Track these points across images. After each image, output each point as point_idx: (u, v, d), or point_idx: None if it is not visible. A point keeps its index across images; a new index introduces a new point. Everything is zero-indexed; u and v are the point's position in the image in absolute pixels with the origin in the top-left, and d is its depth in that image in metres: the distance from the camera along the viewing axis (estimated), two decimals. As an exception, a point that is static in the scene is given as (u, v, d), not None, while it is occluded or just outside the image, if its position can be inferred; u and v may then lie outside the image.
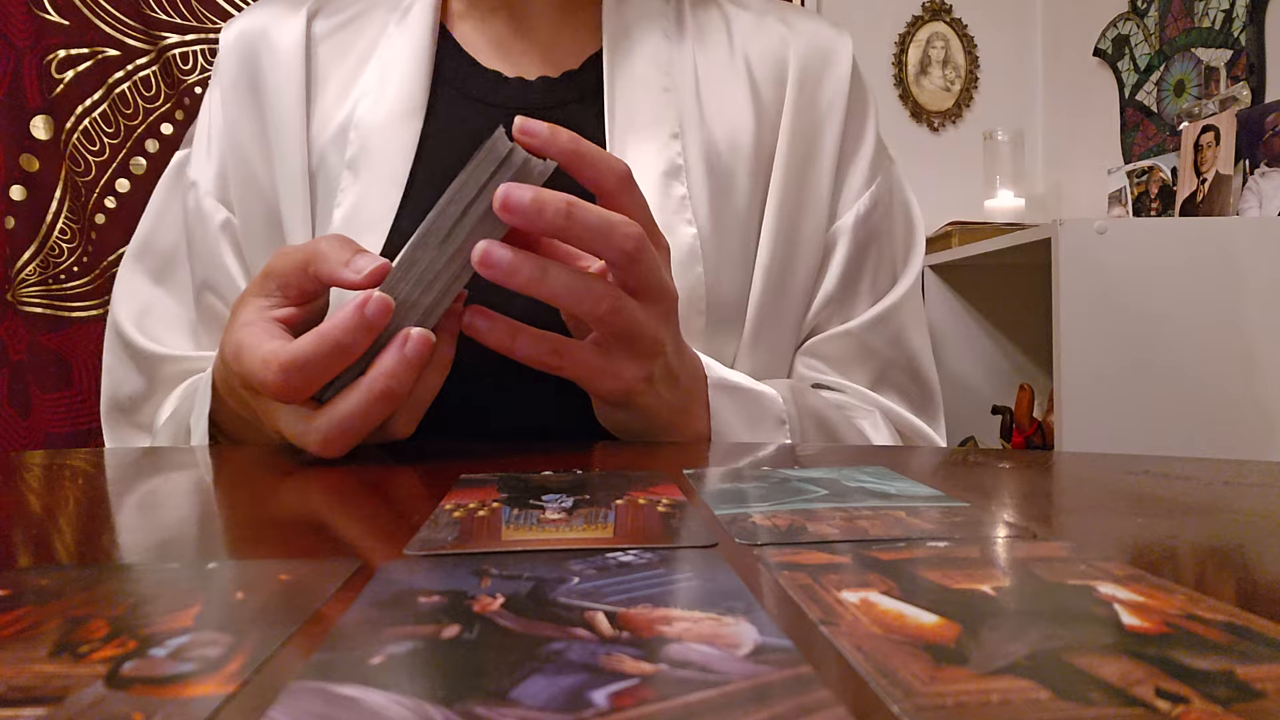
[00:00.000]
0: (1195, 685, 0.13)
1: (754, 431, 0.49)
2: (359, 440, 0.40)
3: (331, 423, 0.38)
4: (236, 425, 0.50)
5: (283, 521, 0.29)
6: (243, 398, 0.44)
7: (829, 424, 0.54)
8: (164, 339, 0.62)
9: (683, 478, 0.33)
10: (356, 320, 0.37)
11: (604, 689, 0.13)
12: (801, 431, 0.51)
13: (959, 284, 1.93)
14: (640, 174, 0.57)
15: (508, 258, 0.37)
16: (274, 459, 0.44)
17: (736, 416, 0.49)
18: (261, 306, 0.42)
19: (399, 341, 0.38)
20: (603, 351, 0.41)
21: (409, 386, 0.38)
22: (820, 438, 0.53)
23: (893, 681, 0.13)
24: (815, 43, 0.64)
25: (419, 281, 0.39)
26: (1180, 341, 1.31)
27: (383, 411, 0.38)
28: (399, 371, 0.37)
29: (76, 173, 1.62)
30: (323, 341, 0.37)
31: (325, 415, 0.38)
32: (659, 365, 0.43)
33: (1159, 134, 1.88)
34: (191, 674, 0.14)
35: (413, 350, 0.37)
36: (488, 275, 0.37)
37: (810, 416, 0.53)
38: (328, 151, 0.58)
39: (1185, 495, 0.30)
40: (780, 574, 0.19)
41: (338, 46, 0.61)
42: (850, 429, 0.55)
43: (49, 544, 0.26)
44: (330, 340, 0.37)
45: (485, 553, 0.22)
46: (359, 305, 0.37)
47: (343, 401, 0.38)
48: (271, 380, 0.38)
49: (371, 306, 0.37)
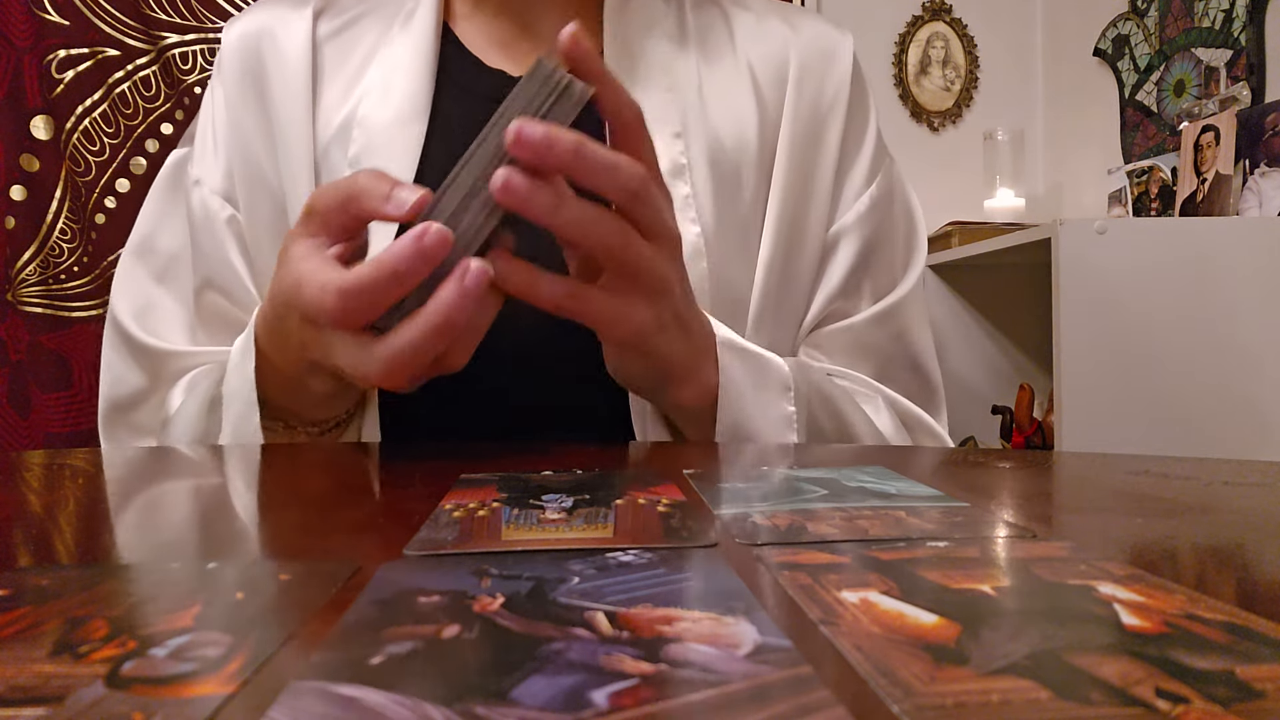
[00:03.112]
0: (1195, 685, 0.13)
1: (760, 394, 0.50)
2: (418, 370, 0.40)
3: (393, 350, 0.39)
4: (276, 386, 0.49)
5: (283, 521, 0.29)
6: (290, 342, 0.44)
7: (833, 400, 0.54)
8: (165, 336, 0.61)
9: (683, 478, 0.33)
10: (415, 249, 0.37)
11: (604, 689, 0.13)
12: (807, 401, 0.51)
13: (959, 284, 1.93)
14: None
15: (526, 185, 0.37)
16: (274, 459, 0.44)
17: (744, 376, 0.49)
18: (314, 244, 0.42)
19: (459, 273, 0.38)
20: (614, 293, 0.42)
21: (466, 318, 0.39)
22: (824, 412, 0.53)
23: (893, 681, 0.13)
24: (817, 43, 0.64)
25: (464, 207, 0.39)
26: (1180, 341, 1.31)
27: (441, 342, 0.39)
28: (459, 302, 0.38)
29: (77, 173, 1.62)
30: (380, 269, 0.38)
31: (386, 344, 0.39)
32: (669, 309, 0.44)
33: (1159, 134, 1.88)
34: (191, 674, 0.14)
35: (472, 281, 0.38)
36: (506, 201, 0.37)
37: (815, 390, 0.53)
38: (331, 148, 0.58)
39: (1185, 495, 0.30)
40: (780, 574, 0.19)
41: (342, 46, 0.62)
42: (854, 407, 0.55)
43: (49, 544, 0.26)
44: (388, 268, 0.38)
45: (485, 553, 0.22)
46: (418, 235, 0.37)
47: (402, 331, 0.39)
48: (330, 305, 0.39)
49: (430, 238, 0.37)
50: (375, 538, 0.26)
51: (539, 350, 0.42)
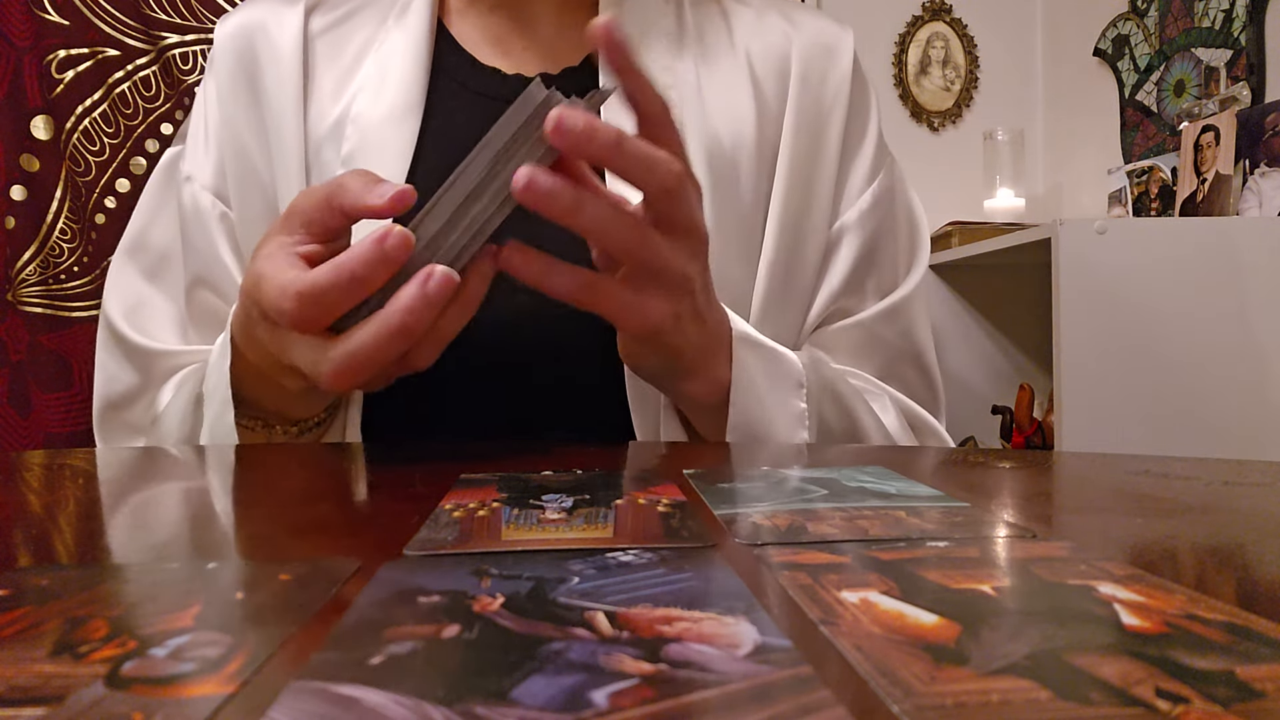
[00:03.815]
0: (1195, 685, 0.13)
1: (773, 389, 0.50)
2: (373, 373, 0.39)
3: (346, 353, 0.38)
4: (252, 383, 0.49)
5: (282, 521, 0.29)
6: (260, 340, 0.44)
7: (843, 398, 0.54)
8: (156, 335, 0.61)
9: (683, 478, 0.33)
10: (374, 253, 0.37)
11: (604, 689, 0.13)
12: (818, 399, 0.51)
13: (959, 284, 1.93)
14: None
15: (549, 183, 0.37)
16: (274, 459, 0.44)
17: (758, 371, 0.49)
18: (284, 242, 0.42)
19: (421, 278, 0.37)
20: (632, 287, 0.42)
21: (426, 323, 0.38)
22: (834, 409, 0.53)
23: (893, 681, 0.13)
24: (819, 38, 0.64)
25: (450, 222, 0.38)
26: (1180, 341, 1.31)
27: (398, 347, 0.38)
28: (417, 308, 0.37)
29: (77, 173, 1.62)
30: (339, 271, 0.37)
31: (339, 346, 0.38)
32: (687, 304, 0.44)
33: (1159, 134, 1.88)
34: (191, 674, 0.14)
35: (435, 288, 0.37)
36: (527, 200, 0.37)
37: (827, 387, 0.53)
38: (323, 145, 0.58)
39: (1185, 495, 0.30)
40: (780, 574, 0.19)
41: (334, 42, 0.62)
42: (862, 404, 0.55)
43: (49, 544, 0.26)
44: (346, 270, 0.37)
45: (485, 553, 0.22)
46: (379, 238, 0.37)
47: (358, 333, 0.38)
48: (288, 308, 0.38)
49: (391, 240, 0.37)
50: (375, 538, 0.26)
51: (527, 350, 0.42)
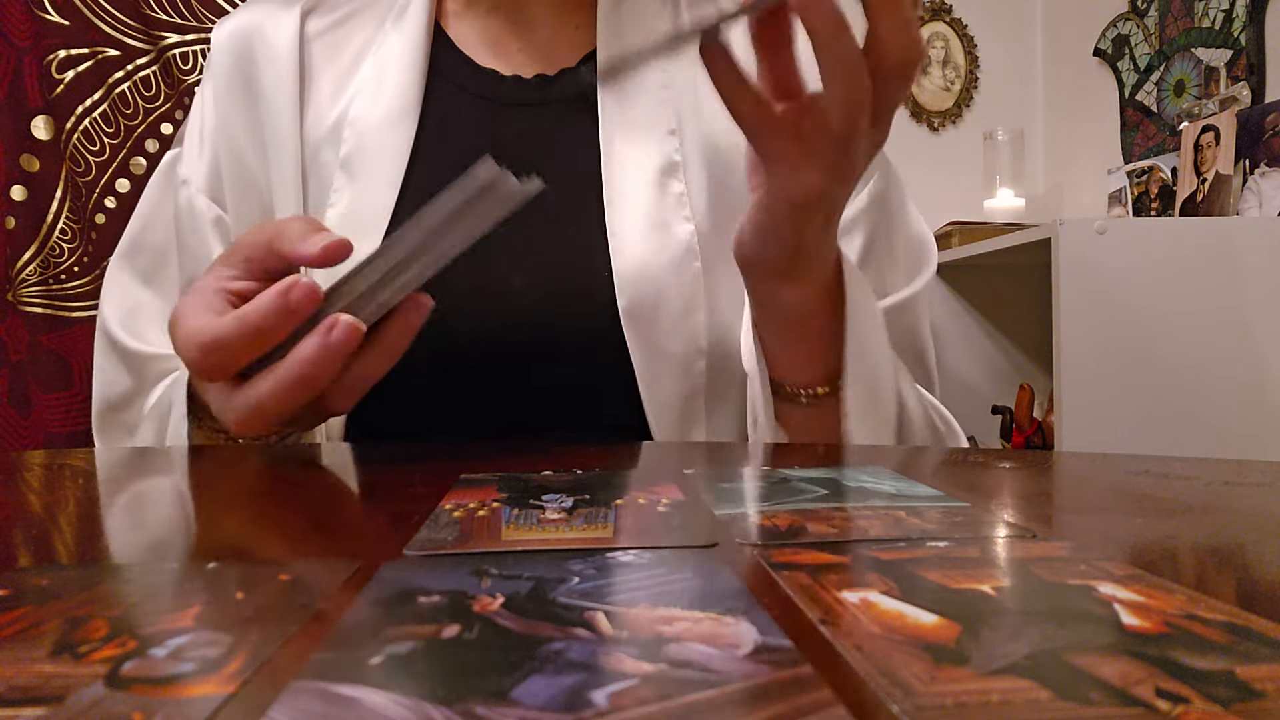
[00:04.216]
0: (1195, 685, 0.13)
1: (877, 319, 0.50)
2: (280, 420, 0.39)
3: (247, 403, 0.38)
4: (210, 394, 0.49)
5: (283, 521, 0.29)
6: None
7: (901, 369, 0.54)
8: (151, 338, 0.62)
9: (683, 478, 0.33)
10: (277, 305, 0.37)
11: (604, 689, 0.13)
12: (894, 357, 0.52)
13: (959, 284, 1.93)
14: (636, 171, 0.57)
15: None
16: (274, 459, 0.44)
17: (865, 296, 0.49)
18: (220, 275, 0.41)
19: (324, 328, 0.37)
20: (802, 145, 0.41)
21: (330, 373, 0.38)
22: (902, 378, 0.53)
23: (893, 681, 0.13)
24: None
25: (378, 284, 0.38)
26: (1180, 341, 1.31)
27: (301, 396, 0.38)
28: (318, 359, 0.37)
29: (77, 173, 1.62)
30: (242, 325, 0.37)
31: (242, 394, 0.38)
32: (836, 192, 0.43)
33: (1159, 134, 1.88)
34: (191, 674, 0.14)
35: (337, 338, 0.37)
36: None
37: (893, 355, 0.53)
38: (321, 148, 0.58)
39: (1185, 495, 0.30)
40: (780, 574, 0.19)
41: (331, 44, 0.62)
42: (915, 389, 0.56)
43: (49, 544, 0.26)
44: (249, 324, 0.37)
45: (485, 553, 0.22)
46: (283, 290, 0.37)
47: (260, 383, 0.38)
48: (192, 358, 0.38)
49: (295, 293, 0.37)
50: (375, 538, 0.26)
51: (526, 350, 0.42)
